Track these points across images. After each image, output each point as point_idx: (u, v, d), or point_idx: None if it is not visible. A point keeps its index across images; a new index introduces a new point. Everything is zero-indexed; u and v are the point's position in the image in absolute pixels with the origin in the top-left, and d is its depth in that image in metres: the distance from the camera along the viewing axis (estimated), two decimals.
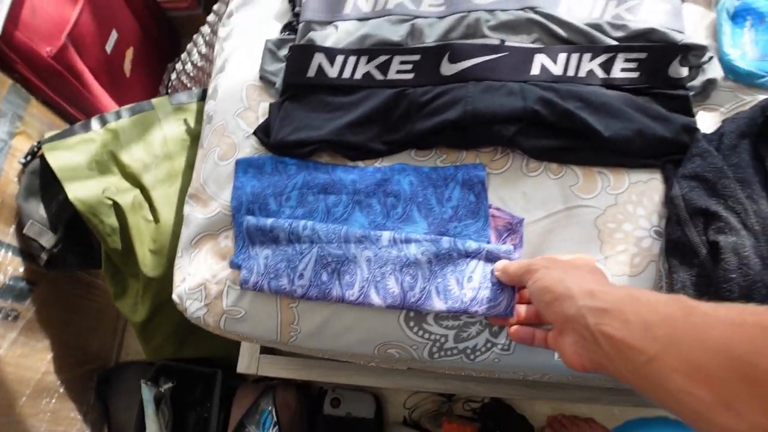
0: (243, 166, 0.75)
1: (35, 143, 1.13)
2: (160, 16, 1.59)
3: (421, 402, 1.32)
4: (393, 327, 0.70)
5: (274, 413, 1.22)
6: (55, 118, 1.25)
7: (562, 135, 0.70)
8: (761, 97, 0.74)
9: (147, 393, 1.21)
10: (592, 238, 0.69)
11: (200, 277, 0.75)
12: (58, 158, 1.10)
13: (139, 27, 1.51)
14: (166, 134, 1.17)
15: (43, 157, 1.11)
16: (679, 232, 0.65)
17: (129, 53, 1.46)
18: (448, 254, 0.67)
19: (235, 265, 0.73)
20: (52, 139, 1.12)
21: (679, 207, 0.66)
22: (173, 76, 1.49)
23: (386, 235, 0.68)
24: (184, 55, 1.47)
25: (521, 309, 0.65)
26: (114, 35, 1.39)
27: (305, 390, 1.29)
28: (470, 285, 0.66)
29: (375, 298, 0.67)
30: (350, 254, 0.68)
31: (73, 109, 1.30)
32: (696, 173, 0.66)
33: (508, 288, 0.66)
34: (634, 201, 0.70)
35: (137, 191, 1.13)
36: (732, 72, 0.75)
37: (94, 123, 1.16)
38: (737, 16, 0.78)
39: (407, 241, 0.68)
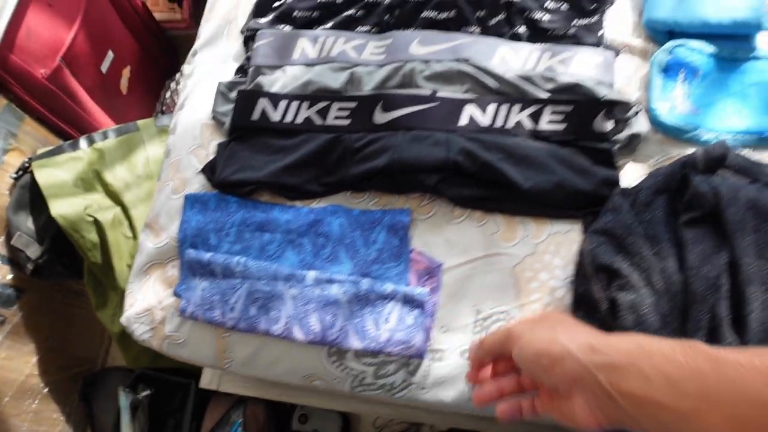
0: (190, 201, 0.82)
1: (26, 159, 1.22)
2: (158, 34, 1.67)
3: (391, 423, 1.37)
4: (316, 361, 0.75)
5: (243, 426, 1.28)
6: (49, 135, 1.34)
7: (484, 185, 0.74)
8: (689, 151, 0.76)
9: (124, 400, 1.29)
10: (509, 285, 0.73)
11: (147, 303, 0.81)
12: (45, 175, 1.18)
13: (137, 46, 1.59)
14: (149, 155, 1.25)
15: (33, 173, 1.20)
16: (584, 286, 0.69)
17: (126, 72, 1.55)
18: (367, 295, 0.72)
19: (177, 294, 0.79)
20: (41, 156, 1.20)
21: (585, 262, 0.69)
22: (168, 94, 1.57)
23: (311, 275, 0.74)
24: (178, 75, 1.55)
25: (501, 382, 0.57)
26: (110, 55, 1.48)
27: (275, 405, 1.35)
28: (387, 326, 0.71)
29: (298, 334, 0.73)
30: (277, 291, 0.74)
31: (67, 127, 1.39)
32: (606, 229, 0.70)
33: (421, 331, 0.70)
34: (552, 251, 0.74)
35: (118, 209, 1.21)
36: (659, 126, 0.78)
37: (82, 142, 1.24)
38: (670, 69, 0.80)
39: (330, 281, 0.73)
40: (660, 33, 0.83)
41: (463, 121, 0.77)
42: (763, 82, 0.80)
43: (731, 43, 0.82)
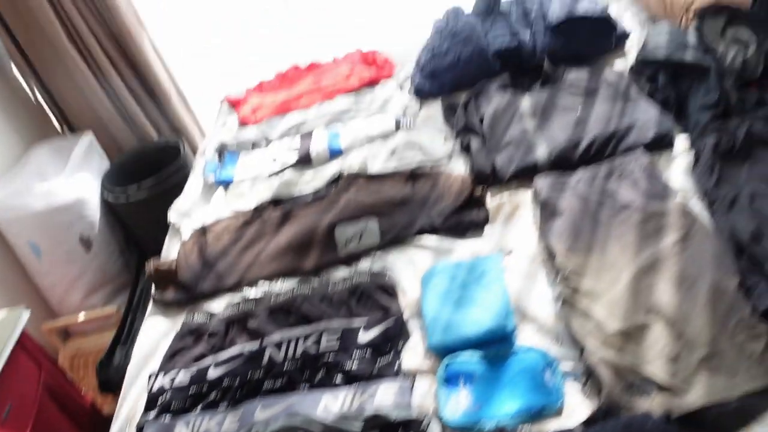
0: None
1: None
2: (106, 424, 1.95)
3: None
4: None
5: None
6: None
7: None
8: None
9: None
10: None
11: None
12: None
13: None
14: None
15: None
16: None
17: None
18: None
19: None
20: None
21: None
22: None
23: None
24: None
25: None
26: None
27: None
28: None
29: None
30: None
31: None
32: None
33: None
34: None
35: None
36: (451, 427, 1.03)
37: None
38: (451, 380, 1.09)
39: None
40: (441, 353, 1.14)
41: None
42: (524, 368, 1.08)
43: (494, 346, 1.12)
